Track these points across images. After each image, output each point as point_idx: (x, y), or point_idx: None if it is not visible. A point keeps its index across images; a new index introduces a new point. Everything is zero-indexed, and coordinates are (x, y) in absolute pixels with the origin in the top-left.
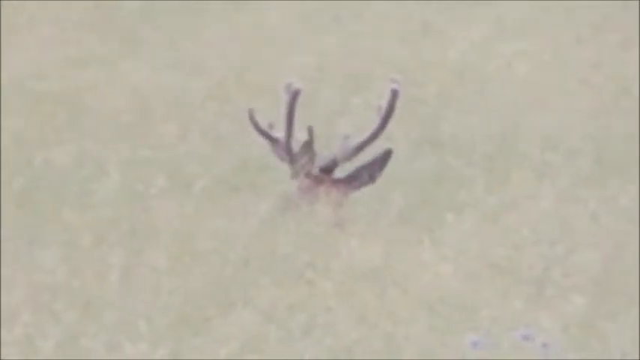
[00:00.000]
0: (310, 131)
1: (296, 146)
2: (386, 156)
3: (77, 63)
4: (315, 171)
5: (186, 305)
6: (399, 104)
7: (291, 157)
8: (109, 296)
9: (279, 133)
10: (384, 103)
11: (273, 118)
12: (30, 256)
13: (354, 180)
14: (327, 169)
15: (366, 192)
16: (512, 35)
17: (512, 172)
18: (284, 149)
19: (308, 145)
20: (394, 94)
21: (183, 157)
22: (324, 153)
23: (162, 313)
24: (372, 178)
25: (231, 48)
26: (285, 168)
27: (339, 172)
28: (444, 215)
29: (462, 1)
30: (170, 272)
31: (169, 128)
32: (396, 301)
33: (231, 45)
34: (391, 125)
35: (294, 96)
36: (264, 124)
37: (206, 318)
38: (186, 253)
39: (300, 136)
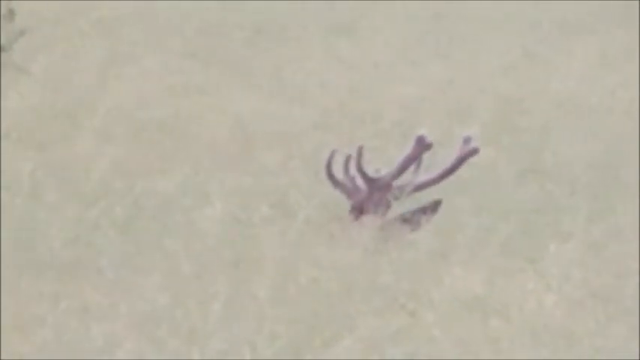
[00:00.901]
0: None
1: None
2: (434, 207)
3: (181, 91)
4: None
5: (289, 335)
6: (503, 132)
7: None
8: (212, 325)
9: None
10: (452, 156)
11: (374, 148)
12: (133, 284)
13: (407, 222)
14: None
15: (469, 221)
16: (615, 64)
17: (615, 201)
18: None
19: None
20: (469, 153)
21: (287, 186)
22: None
23: (265, 342)
24: (412, 226)
25: (334, 77)
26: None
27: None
28: (547, 244)
29: (563, 30)
30: (273, 301)
31: (272, 157)
32: (499, 330)
33: (334, 74)
34: (493, 154)
35: (422, 150)
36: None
37: (309, 347)
38: (290, 282)
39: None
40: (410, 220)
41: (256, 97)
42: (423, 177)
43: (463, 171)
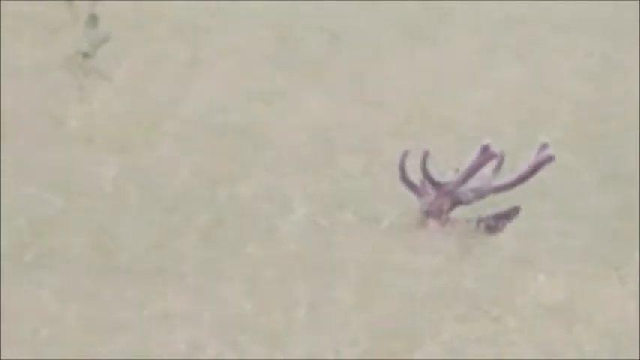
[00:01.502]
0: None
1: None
2: (513, 213)
3: (261, 97)
4: (447, 206)
5: (373, 341)
6: (583, 137)
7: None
8: (295, 331)
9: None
10: (529, 162)
11: (456, 153)
12: (215, 291)
13: (475, 224)
14: (445, 211)
15: (552, 227)
16: None
17: None
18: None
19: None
20: (545, 160)
21: (368, 192)
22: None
23: (349, 348)
24: (490, 231)
25: (413, 82)
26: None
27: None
28: (631, 251)
29: None
30: (357, 307)
31: (353, 162)
32: (583, 336)
33: (413, 79)
34: (574, 160)
35: (487, 159)
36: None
37: (393, 352)
38: (373, 288)
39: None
40: (490, 225)
41: (336, 102)
42: (498, 182)
43: (545, 176)
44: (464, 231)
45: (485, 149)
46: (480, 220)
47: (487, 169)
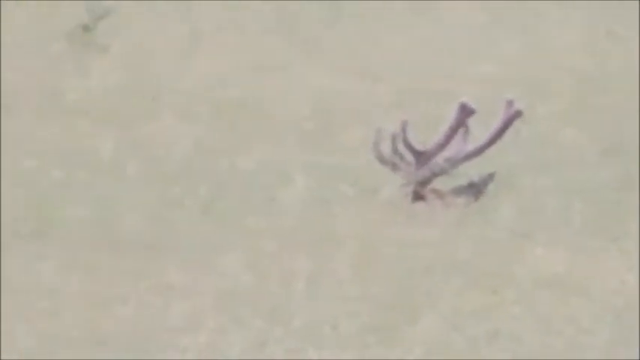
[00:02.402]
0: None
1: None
2: (487, 180)
3: (261, 69)
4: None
5: (370, 312)
6: (584, 111)
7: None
8: (294, 303)
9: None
10: (498, 121)
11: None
12: (215, 263)
13: (460, 195)
14: (426, 182)
15: (551, 200)
16: None
17: None
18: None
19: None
20: (514, 116)
21: (367, 164)
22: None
23: (347, 320)
24: (476, 197)
25: (412, 55)
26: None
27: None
28: (629, 224)
29: None
30: (354, 279)
31: (353, 135)
32: (581, 309)
33: (412, 52)
34: (574, 133)
35: (466, 116)
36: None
37: (391, 325)
38: (371, 260)
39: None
40: (471, 190)
41: (336, 75)
42: (471, 146)
43: (544, 149)
44: (462, 203)
45: (463, 107)
46: (469, 187)
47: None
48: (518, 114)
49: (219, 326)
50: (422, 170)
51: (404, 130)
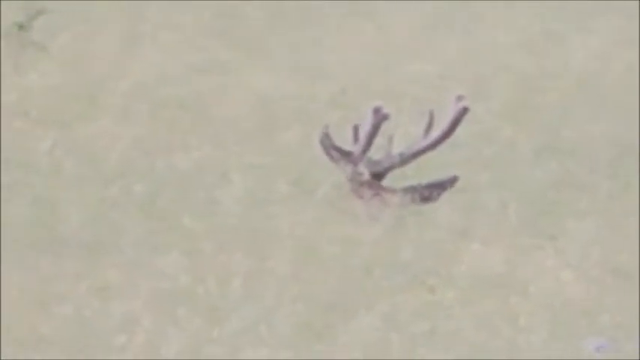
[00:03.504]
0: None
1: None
2: (450, 183)
3: (200, 69)
4: (366, 175)
5: (308, 311)
6: (522, 109)
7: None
8: (231, 302)
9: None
10: (447, 118)
11: (395, 125)
12: (152, 263)
13: (410, 194)
14: (378, 175)
15: (488, 198)
16: (634, 41)
17: (634, 179)
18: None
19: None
20: (461, 113)
21: (307, 164)
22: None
23: (284, 320)
24: (425, 200)
25: (353, 55)
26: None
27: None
28: (566, 222)
29: (582, 7)
30: (293, 278)
31: (292, 135)
32: (519, 307)
33: (353, 52)
34: (512, 132)
35: (380, 121)
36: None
37: (328, 324)
38: (309, 259)
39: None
40: (424, 194)
41: (275, 75)
42: (421, 143)
43: (482, 148)
44: (399, 202)
45: (377, 111)
46: (414, 189)
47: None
48: (465, 110)
49: (157, 326)
50: (372, 164)
51: (325, 132)
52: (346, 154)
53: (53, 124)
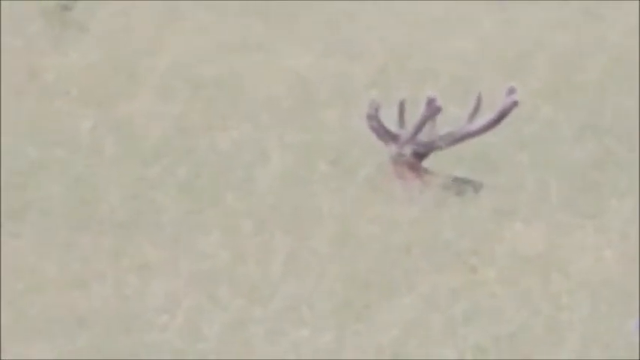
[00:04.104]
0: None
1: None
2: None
3: (238, 48)
4: (409, 156)
5: (349, 291)
6: (561, 88)
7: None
8: (272, 282)
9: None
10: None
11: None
12: (193, 242)
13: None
14: (420, 156)
15: (529, 178)
16: None
17: None
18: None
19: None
20: (511, 106)
21: (346, 143)
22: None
23: (325, 299)
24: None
25: (391, 33)
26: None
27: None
28: (607, 200)
29: None
30: (333, 258)
31: (331, 114)
32: (559, 286)
33: (391, 30)
34: (552, 111)
35: (432, 114)
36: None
37: (369, 304)
38: (349, 238)
39: None
40: (460, 188)
41: (314, 53)
42: (466, 128)
43: (523, 127)
44: (441, 183)
45: (430, 102)
46: (455, 180)
47: (465, 114)
48: (515, 104)
49: (198, 305)
50: (415, 145)
51: (374, 109)
52: (393, 136)
53: (93, 103)
